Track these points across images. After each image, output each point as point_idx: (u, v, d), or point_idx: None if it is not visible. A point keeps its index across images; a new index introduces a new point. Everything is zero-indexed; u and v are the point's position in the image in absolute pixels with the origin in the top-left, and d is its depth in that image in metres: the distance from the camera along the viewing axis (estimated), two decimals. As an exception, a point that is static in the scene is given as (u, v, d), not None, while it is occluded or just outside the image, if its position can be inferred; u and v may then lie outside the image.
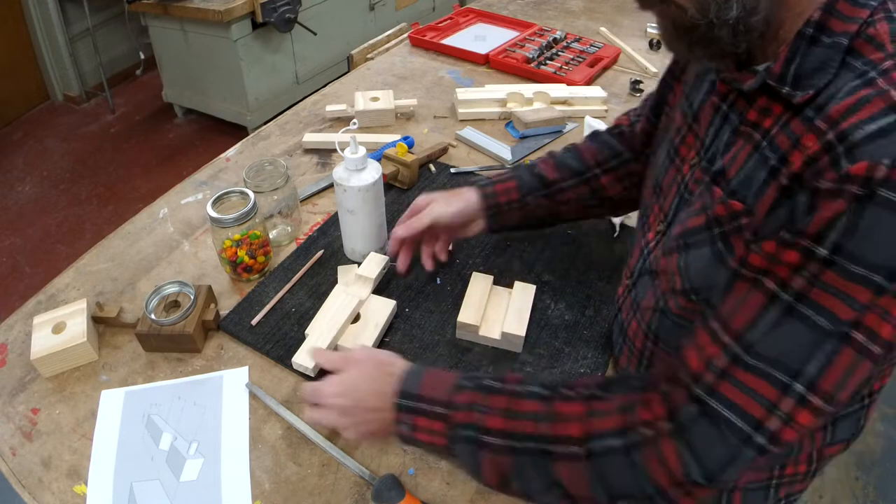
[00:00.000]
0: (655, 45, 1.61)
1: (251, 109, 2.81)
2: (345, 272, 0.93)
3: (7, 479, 0.70)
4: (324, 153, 1.22)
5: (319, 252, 0.97)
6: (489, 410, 0.57)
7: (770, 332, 0.48)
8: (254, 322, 0.85)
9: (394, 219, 1.03)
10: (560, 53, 1.55)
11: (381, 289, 0.90)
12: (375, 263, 0.89)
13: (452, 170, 1.15)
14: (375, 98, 1.30)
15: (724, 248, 0.57)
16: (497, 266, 0.94)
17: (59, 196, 2.70)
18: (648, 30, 1.69)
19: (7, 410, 0.77)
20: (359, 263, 0.94)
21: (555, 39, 1.60)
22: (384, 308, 0.84)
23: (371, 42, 1.79)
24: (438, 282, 0.92)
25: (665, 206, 0.71)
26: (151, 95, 3.32)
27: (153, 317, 0.81)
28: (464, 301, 0.85)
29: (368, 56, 1.70)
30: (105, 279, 0.95)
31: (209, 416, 0.75)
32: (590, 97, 1.32)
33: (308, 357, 0.77)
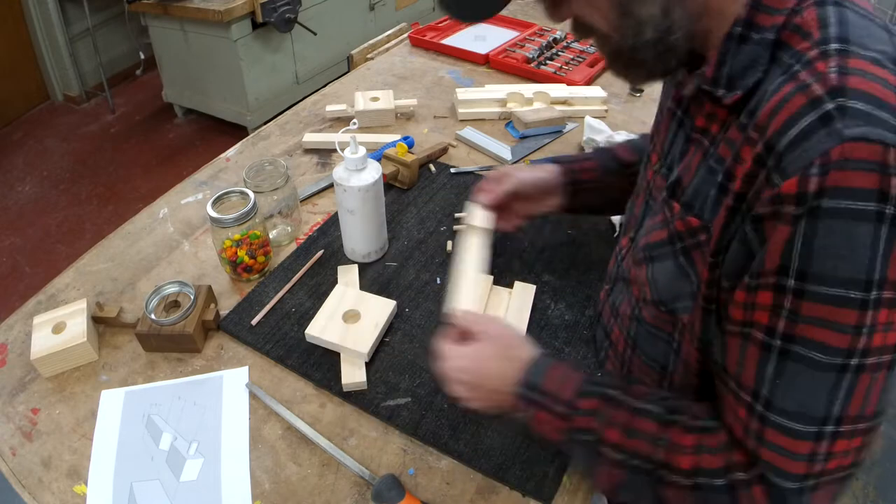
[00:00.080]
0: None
1: (251, 109, 2.81)
2: (345, 272, 0.93)
3: (7, 479, 0.70)
4: (324, 153, 1.22)
5: (319, 252, 0.97)
6: (610, 423, 0.57)
7: (779, 383, 0.48)
8: (254, 322, 0.85)
9: (394, 219, 1.03)
10: (560, 53, 1.55)
11: (382, 289, 0.90)
12: (483, 215, 0.82)
13: (452, 170, 1.15)
14: (375, 98, 1.30)
15: (686, 263, 0.57)
16: (497, 266, 0.94)
17: (59, 196, 2.71)
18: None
19: (7, 410, 0.77)
20: (359, 263, 0.94)
21: (555, 39, 1.59)
22: (384, 308, 0.84)
23: (371, 42, 1.79)
24: (438, 282, 0.92)
25: (635, 211, 0.71)
26: (151, 95, 3.32)
27: (153, 317, 0.81)
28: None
29: (368, 56, 1.70)
30: (105, 279, 0.95)
31: (209, 416, 0.75)
32: (590, 97, 1.32)
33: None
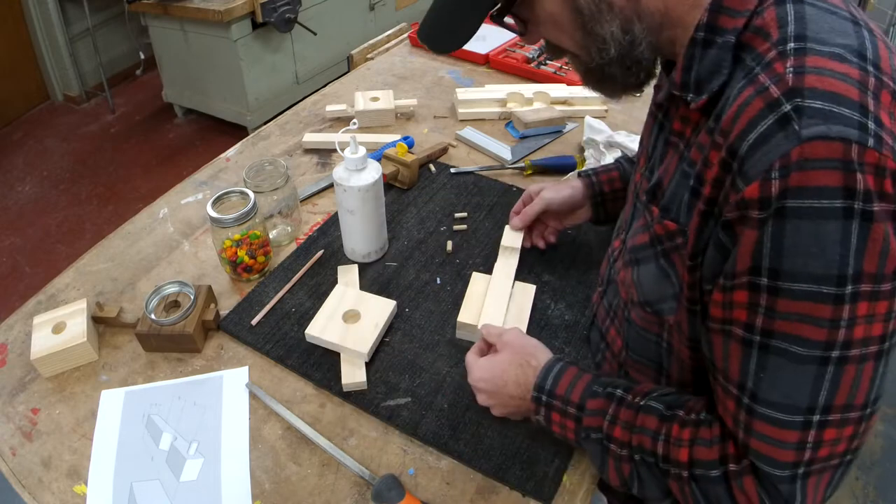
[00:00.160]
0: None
1: (251, 109, 2.81)
2: (345, 272, 0.93)
3: (7, 479, 0.70)
4: (324, 153, 1.22)
5: (319, 252, 0.97)
6: (616, 420, 0.60)
7: (763, 376, 0.49)
8: (254, 322, 0.85)
9: (394, 219, 1.03)
10: (560, 53, 1.55)
11: (382, 289, 0.90)
12: (515, 235, 0.93)
13: (452, 170, 1.14)
14: (375, 98, 1.30)
15: (667, 265, 0.58)
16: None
17: (59, 196, 2.70)
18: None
19: (7, 410, 0.77)
20: (359, 263, 0.94)
21: (555, 39, 1.59)
22: (384, 308, 0.84)
23: (371, 42, 1.79)
24: (438, 282, 0.92)
25: (626, 214, 0.72)
26: (151, 95, 3.32)
27: (153, 317, 0.81)
28: (464, 301, 0.85)
29: (368, 56, 1.70)
30: (105, 279, 0.95)
31: (209, 416, 0.75)
32: (590, 97, 1.32)
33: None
